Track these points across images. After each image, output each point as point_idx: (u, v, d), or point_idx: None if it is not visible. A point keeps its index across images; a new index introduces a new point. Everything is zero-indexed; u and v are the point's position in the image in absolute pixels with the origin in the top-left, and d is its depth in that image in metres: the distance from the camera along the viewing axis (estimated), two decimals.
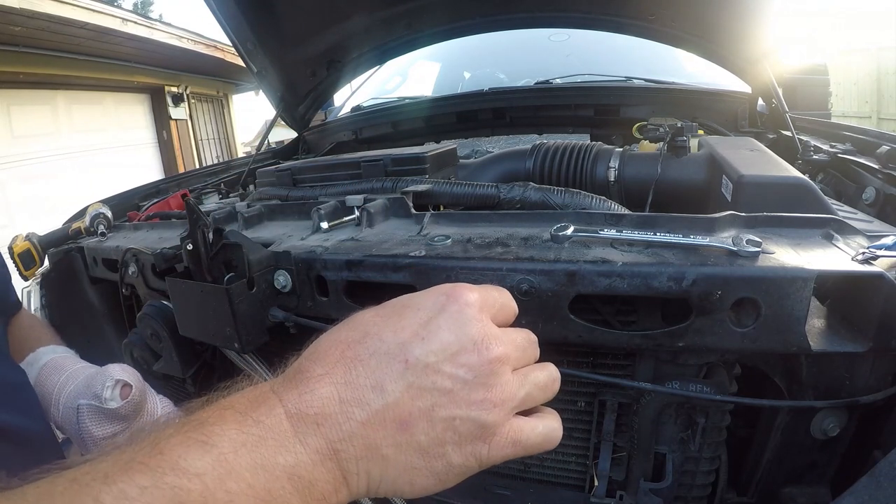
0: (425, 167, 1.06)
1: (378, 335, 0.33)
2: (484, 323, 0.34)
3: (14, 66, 4.86)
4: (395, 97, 2.31)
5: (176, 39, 6.18)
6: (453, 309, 0.34)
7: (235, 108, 9.71)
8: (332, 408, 0.31)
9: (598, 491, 0.74)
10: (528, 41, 2.24)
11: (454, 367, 0.32)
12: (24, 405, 0.62)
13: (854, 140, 1.21)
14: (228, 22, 1.53)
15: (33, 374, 0.71)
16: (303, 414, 0.31)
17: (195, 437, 0.28)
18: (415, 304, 0.35)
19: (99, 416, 0.65)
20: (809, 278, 0.53)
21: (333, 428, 0.31)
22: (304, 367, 0.33)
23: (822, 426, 0.63)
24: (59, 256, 1.18)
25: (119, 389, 0.65)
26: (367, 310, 0.38)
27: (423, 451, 0.32)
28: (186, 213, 0.73)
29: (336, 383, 0.32)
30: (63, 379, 0.70)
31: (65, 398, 0.68)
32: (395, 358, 0.32)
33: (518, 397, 0.34)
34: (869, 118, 9.05)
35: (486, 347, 0.33)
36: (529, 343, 0.38)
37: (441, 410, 0.32)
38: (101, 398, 0.64)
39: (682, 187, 1.00)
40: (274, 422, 0.30)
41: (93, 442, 0.65)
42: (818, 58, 2.04)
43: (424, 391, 0.32)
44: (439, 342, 0.33)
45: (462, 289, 0.35)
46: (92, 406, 0.64)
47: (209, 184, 1.65)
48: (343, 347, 0.33)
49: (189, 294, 0.74)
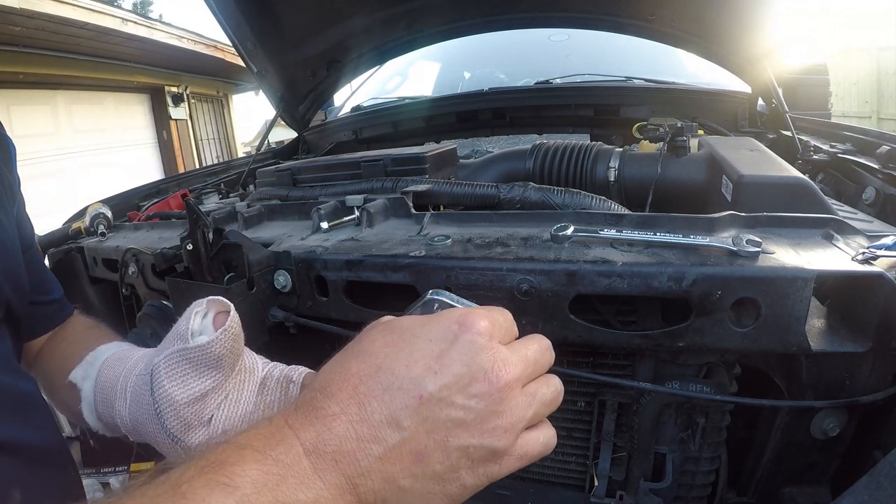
0: (425, 167, 1.06)
1: (390, 369, 0.34)
2: (494, 350, 0.35)
3: (14, 66, 4.87)
4: (395, 97, 2.31)
5: (176, 39, 6.18)
6: (465, 339, 0.34)
7: (235, 108, 9.72)
8: (350, 445, 0.32)
9: (598, 491, 0.74)
10: (528, 41, 2.24)
11: (466, 399, 0.33)
12: (34, 418, 0.56)
13: (854, 140, 1.21)
14: (228, 22, 1.53)
15: (93, 372, 0.57)
16: (320, 451, 0.32)
17: (217, 478, 0.29)
18: (425, 333, 0.35)
19: (183, 368, 0.47)
20: (809, 278, 0.53)
21: (351, 464, 0.32)
22: (318, 403, 0.34)
23: (822, 426, 0.63)
24: (59, 256, 1.18)
25: (212, 317, 0.48)
26: (374, 331, 0.38)
27: (438, 478, 0.33)
28: (186, 213, 0.73)
29: (352, 421, 0.32)
30: (130, 364, 0.56)
31: (133, 382, 0.52)
32: (409, 393, 0.33)
33: (526, 418, 0.36)
34: (869, 118, 9.05)
35: (496, 376, 0.34)
36: (542, 353, 0.39)
37: (455, 440, 0.33)
38: (188, 333, 0.46)
39: (682, 187, 1.00)
40: (293, 460, 0.31)
41: (175, 417, 0.47)
42: (818, 58, 2.04)
43: (439, 424, 0.33)
44: (451, 375, 0.33)
45: (473, 317, 0.35)
46: (174, 355, 0.47)
47: (209, 184, 1.65)
48: (356, 381, 0.34)
49: (189, 294, 0.74)
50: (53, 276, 0.74)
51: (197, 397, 0.47)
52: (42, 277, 0.71)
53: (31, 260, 0.67)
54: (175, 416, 0.47)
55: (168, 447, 0.48)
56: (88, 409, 0.57)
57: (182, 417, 0.47)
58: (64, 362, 0.63)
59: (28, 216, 0.70)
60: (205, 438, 0.47)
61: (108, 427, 0.57)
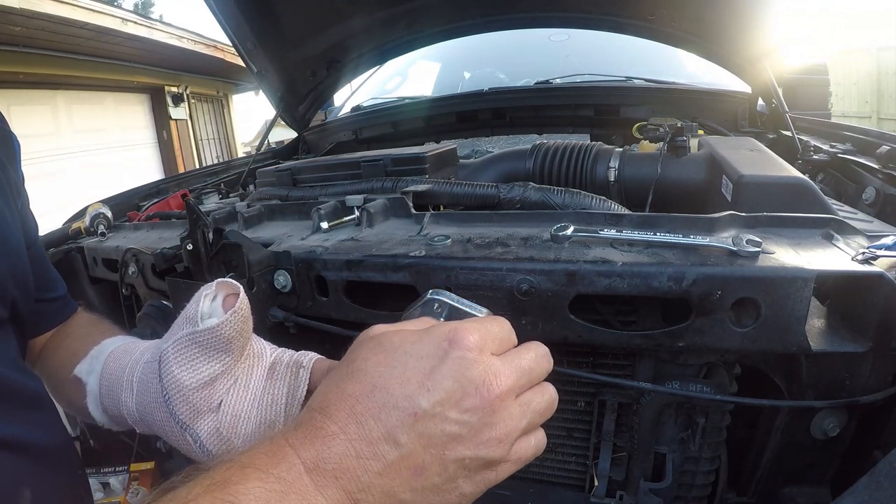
0: (425, 167, 1.06)
1: (385, 388, 0.35)
2: (485, 364, 0.36)
3: (14, 66, 4.87)
4: (395, 97, 2.31)
5: (176, 39, 6.18)
6: (454, 355, 0.35)
7: (235, 108, 9.72)
8: (350, 462, 0.33)
9: (598, 491, 0.74)
10: (528, 41, 2.24)
11: (460, 413, 0.35)
12: (41, 417, 0.56)
13: (854, 140, 1.21)
14: (228, 22, 1.53)
15: (98, 366, 0.57)
16: (321, 469, 0.33)
17: (222, 497, 0.30)
18: (417, 351, 0.36)
19: (192, 352, 0.46)
20: (809, 278, 0.53)
21: (352, 481, 0.33)
22: (317, 423, 0.35)
23: (822, 426, 0.63)
24: (59, 256, 1.18)
25: (221, 299, 0.48)
26: (365, 349, 0.38)
27: (437, 490, 0.35)
28: (186, 213, 0.73)
29: (351, 439, 0.34)
30: (136, 355, 0.55)
31: (140, 371, 0.52)
32: (405, 411, 0.34)
33: (520, 428, 0.37)
34: (869, 118, 9.05)
35: (488, 389, 0.35)
36: (537, 361, 0.39)
37: (451, 453, 0.34)
38: (197, 316, 0.46)
39: (682, 187, 1.00)
40: (294, 477, 0.32)
41: (184, 403, 0.46)
42: (818, 58, 2.03)
43: (434, 439, 0.34)
44: (444, 391, 0.35)
45: (462, 332, 0.36)
46: (182, 339, 0.46)
47: (209, 184, 1.65)
48: (352, 402, 0.35)
49: (189, 294, 0.74)
50: (57, 273, 0.74)
51: (206, 382, 0.46)
52: (46, 274, 0.70)
53: (36, 256, 0.66)
54: (184, 402, 0.46)
55: (176, 435, 0.48)
56: (94, 403, 0.57)
57: (191, 403, 0.46)
58: (68, 358, 0.63)
59: (32, 212, 0.69)
60: (213, 425, 0.47)
61: (113, 420, 0.57)
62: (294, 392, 0.48)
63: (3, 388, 0.50)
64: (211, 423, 0.47)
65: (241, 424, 0.47)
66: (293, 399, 0.48)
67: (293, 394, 0.48)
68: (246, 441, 0.47)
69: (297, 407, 0.48)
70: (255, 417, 0.47)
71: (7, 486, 0.46)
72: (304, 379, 0.48)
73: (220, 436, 0.47)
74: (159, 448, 1.22)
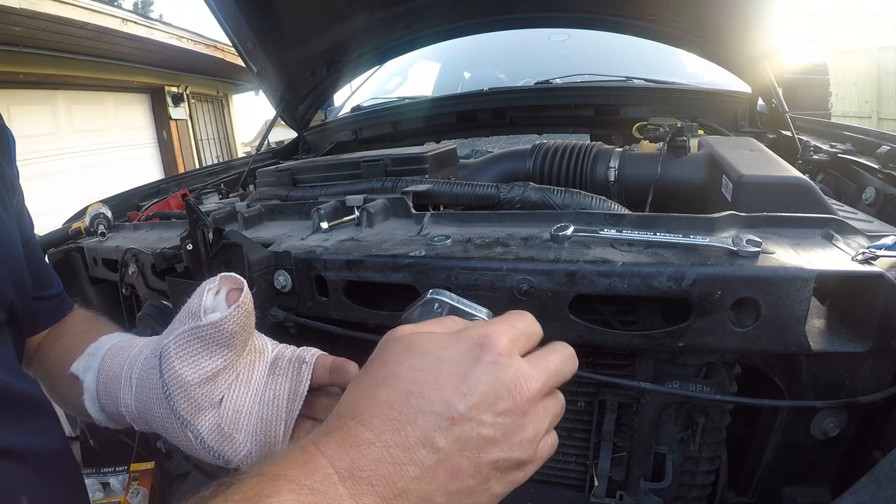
0: (425, 167, 1.07)
1: (420, 394, 0.35)
2: (515, 366, 0.37)
3: (14, 66, 4.87)
4: (395, 97, 2.31)
5: (176, 39, 6.18)
6: (487, 360, 0.36)
7: (235, 108, 9.72)
8: (386, 469, 0.33)
9: (598, 491, 0.74)
10: (528, 41, 2.24)
11: (494, 416, 0.35)
12: (38, 422, 0.55)
13: (854, 140, 1.21)
14: (228, 22, 1.53)
15: (95, 363, 0.57)
16: (356, 477, 0.33)
17: None
18: (449, 356, 0.37)
19: (194, 347, 0.46)
20: (809, 278, 0.53)
21: (388, 487, 0.33)
22: (351, 431, 0.35)
23: (822, 426, 0.63)
24: (59, 256, 1.18)
25: (225, 294, 0.47)
26: (394, 352, 0.38)
27: (471, 492, 0.35)
28: (186, 213, 0.73)
29: (388, 446, 0.34)
30: (135, 352, 0.54)
31: (140, 367, 0.51)
32: (442, 415, 0.34)
33: (544, 429, 0.38)
34: (869, 118, 9.05)
35: (519, 392, 0.36)
36: (563, 363, 0.40)
37: (486, 456, 0.35)
38: (200, 310, 0.46)
39: (682, 187, 1.00)
40: (328, 488, 0.32)
41: (185, 398, 0.46)
42: (818, 58, 2.04)
43: (471, 442, 0.35)
44: (479, 395, 0.35)
45: (493, 336, 0.37)
46: (185, 334, 0.46)
47: (209, 184, 1.65)
48: (387, 408, 0.35)
49: (189, 294, 0.74)
50: (53, 271, 0.73)
51: (208, 377, 0.46)
52: (42, 272, 0.69)
53: (31, 254, 0.65)
54: (185, 398, 0.46)
55: (176, 431, 0.47)
56: (91, 401, 0.56)
57: (192, 398, 0.46)
58: (64, 355, 0.62)
59: (27, 209, 0.68)
60: (215, 421, 0.46)
61: (111, 418, 0.57)
62: (296, 388, 0.48)
63: (2, 395, 0.49)
64: (212, 419, 0.46)
65: (242, 420, 0.47)
66: (295, 395, 0.48)
67: (295, 390, 0.48)
68: (247, 437, 0.47)
69: (299, 403, 0.47)
70: (256, 413, 0.47)
71: (6, 496, 0.46)
72: (307, 375, 0.48)
73: (221, 432, 0.46)
74: (159, 448, 1.22)
